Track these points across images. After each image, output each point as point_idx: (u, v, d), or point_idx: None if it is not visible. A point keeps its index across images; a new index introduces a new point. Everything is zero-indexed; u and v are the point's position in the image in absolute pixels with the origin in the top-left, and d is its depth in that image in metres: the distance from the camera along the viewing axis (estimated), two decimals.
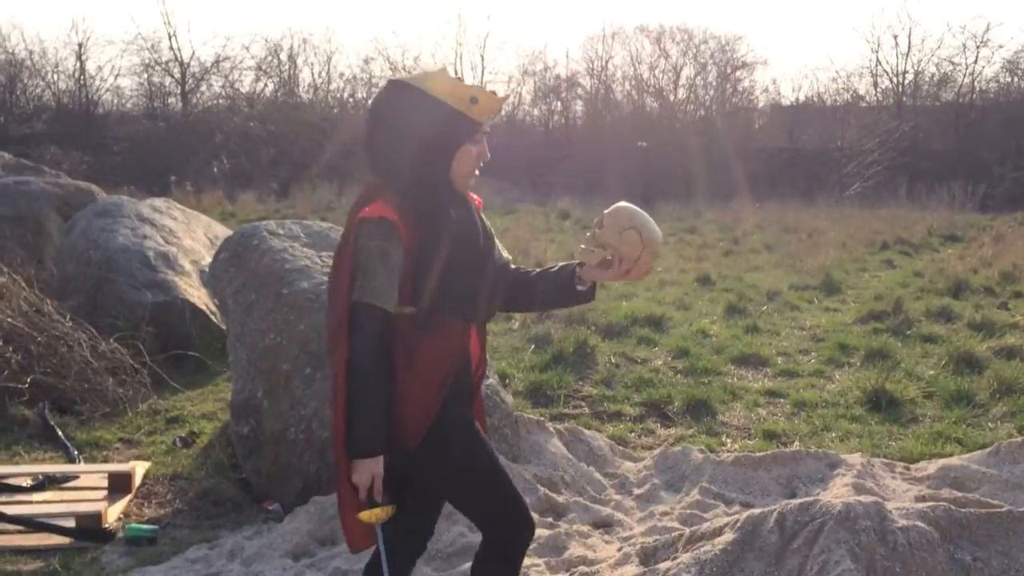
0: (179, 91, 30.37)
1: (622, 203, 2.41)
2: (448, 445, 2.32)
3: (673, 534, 3.37)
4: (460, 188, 2.35)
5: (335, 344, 2.28)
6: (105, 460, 4.81)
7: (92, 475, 4.42)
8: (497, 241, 2.48)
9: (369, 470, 2.22)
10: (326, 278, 4.62)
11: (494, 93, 2.30)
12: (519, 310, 2.61)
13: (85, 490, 4.28)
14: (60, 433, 4.99)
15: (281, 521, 3.96)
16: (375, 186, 2.32)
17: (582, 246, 2.41)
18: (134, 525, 3.93)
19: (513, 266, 2.53)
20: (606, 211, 2.39)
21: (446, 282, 2.27)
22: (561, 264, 2.49)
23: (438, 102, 2.25)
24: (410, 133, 2.26)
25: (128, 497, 4.24)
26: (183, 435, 5.12)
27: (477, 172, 2.36)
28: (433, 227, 2.25)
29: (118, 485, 4.25)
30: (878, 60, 32.16)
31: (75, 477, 4.41)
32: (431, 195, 2.28)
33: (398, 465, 2.30)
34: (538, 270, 2.53)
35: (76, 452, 4.79)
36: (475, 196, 2.47)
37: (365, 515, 2.26)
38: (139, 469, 4.49)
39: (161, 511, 4.20)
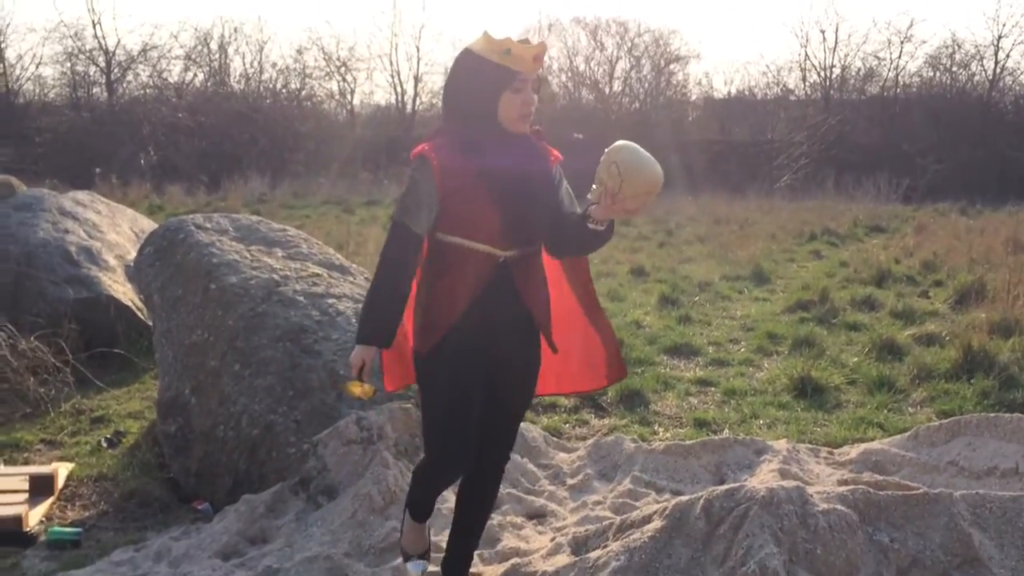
0: (104, 81, 29.42)
1: (619, 141, 2.51)
2: (429, 364, 2.70)
3: (604, 523, 3.41)
4: (515, 130, 2.66)
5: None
6: (26, 462, 4.67)
7: (12, 478, 4.28)
8: (567, 190, 2.75)
9: (360, 355, 2.62)
10: (255, 272, 4.56)
11: (527, 42, 2.59)
12: (562, 254, 2.83)
13: (5, 493, 4.14)
14: None
15: (210, 521, 3.90)
16: (433, 131, 2.71)
17: (593, 187, 2.49)
18: (56, 528, 3.83)
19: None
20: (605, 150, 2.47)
21: (472, 211, 2.63)
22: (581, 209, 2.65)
23: (479, 57, 2.61)
24: (461, 87, 2.65)
25: (50, 500, 4.13)
26: (108, 435, 4.99)
27: (528, 116, 2.64)
28: (471, 162, 2.61)
29: (40, 488, 4.13)
30: (807, 55, 32.83)
31: None
32: (476, 135, 2.63)
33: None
34: (577, 213, 2.68)
35: None
36: (554, 151, 2.77)
37: (350, 385, 2.63)
38: (62, 471, 4.37)
39: (85, 513, 4.10)
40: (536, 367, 2.88)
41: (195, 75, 30.54)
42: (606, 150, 2.47)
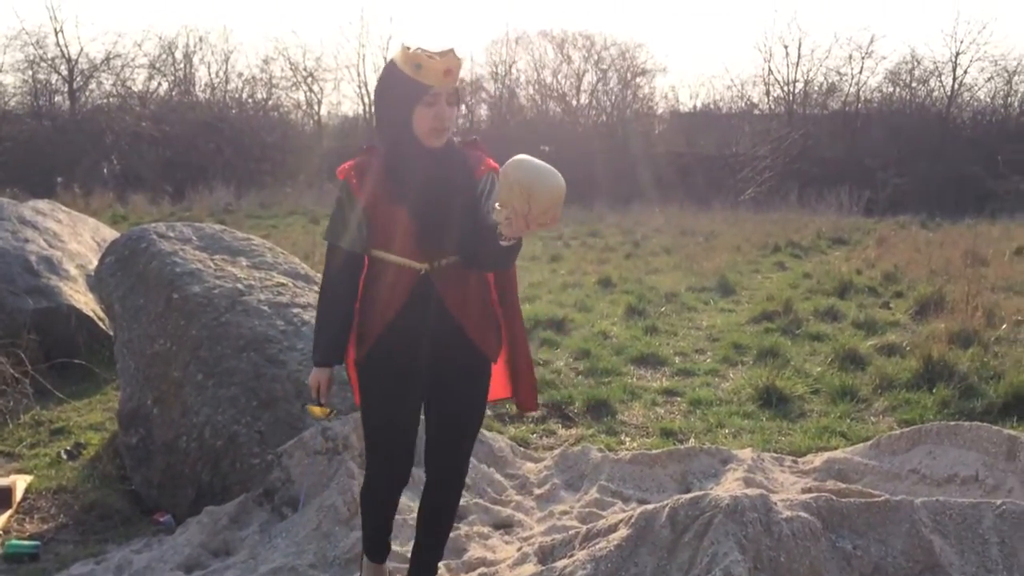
0: (67, 89, 29.02)
1: (514, 157, 2.48)
2: (361, 373, 2.78)
3: (571, 532, 3.41)
4: (429, 144, 2.65)
5: None
6: None
7: None
8: (489, 202, 2.69)
9: (316, 377, 2.78)
10: (219, 281, 4.52)
11: (436, 58, 2.55)
12: (477, 268, 2.78)
13: None
14: None
15: (172, 533, 3.84)
16: (366, 148, 2.75)
17: (495, 206, 2.49)
18: (14, 541, 3.75)
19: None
20: (501, 168, 2.49)
21: (392, 226, 2.66)
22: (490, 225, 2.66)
23: (396, 70, 2.61)
24: (379, 97, 2.69)
25: (8, 512, 4.05)
26: (68, 447, 4.91)
27: (441, 130, 2.62)
28: (388, 177, 2.65)
29: None
30: (770, 69, 33.15)
31: None
32: (391, 151, 2.67)
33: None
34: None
35: None
36: (491, 160, 2.75)
37: (311, 408, 2.78)
38: (20, 483, 4.28)
39: (44, 526, 4.02)
40: (483, 377, 2.84)
41: (159, 84, 30.23)
42: (502, 170, 2.46)
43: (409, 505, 3.58)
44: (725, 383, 6.36)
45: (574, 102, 31.53)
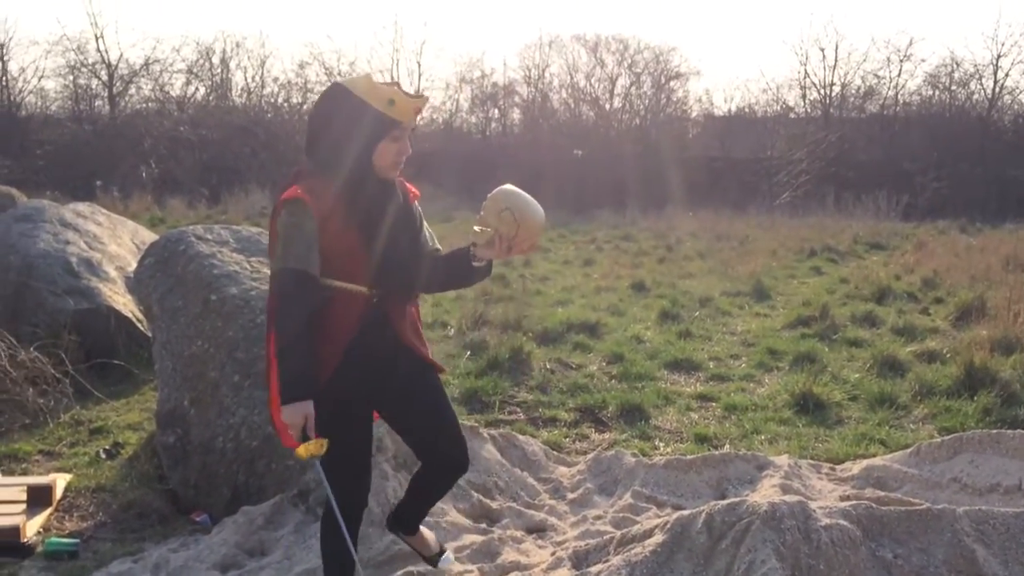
0: (106, 94, 29.51)
1: (503, 186, 2.68)
2: (322, 409, 2.59)
3: (605, 537, 3.39)
4: (384, 177, 2.67)
5: (270, 318, 2.64)
6: (24, 473, 4.65)
7: (10, 488, 4.25)
8: (427, 229, 2.83)
9: (299, 412, 2.53)
10: (256, 283, 4.56)
11: (411, 96, 2.61)
12: (434, 290, 2.96)
13: (3, 504, 4.12)
14: None
15: (209, 532, 3.87)
16: (296, 173, 2.67)
17: (474, 228, 2.67)
18: (54, 539, 3.80)
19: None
20: (489, 194, 2.66)
21: (345, 255, 2.61)
22: (461, 247, 2.80)
23: (361, 102, 2.58)
24: (337, 127, 2.61)
25: (48, 510, 4.10)
26: (107, 446, 4.97)
27: (399, 164, 2.67)
28: (345, 206, 2.60)
29: (38, 498, 4.11)
30: (806, 72, 32.71)
31: None
32: (349, 180, 2.61)
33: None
34: (445, 253, 2.84)
35: None
36: (412, 187, 2.81)
37: (302, 450, 2.52)
38: (60, 482, 4.35)
39: (83, 524, 4.07)
40: (437, 379, 2.89)
41: (197, 89, 30.64)
42: (490, 196, 2.66)
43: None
44: (760, 388, 6.29)
45: (607, 106, 31.45)
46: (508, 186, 2.69)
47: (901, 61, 30.16)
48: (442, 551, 3.20)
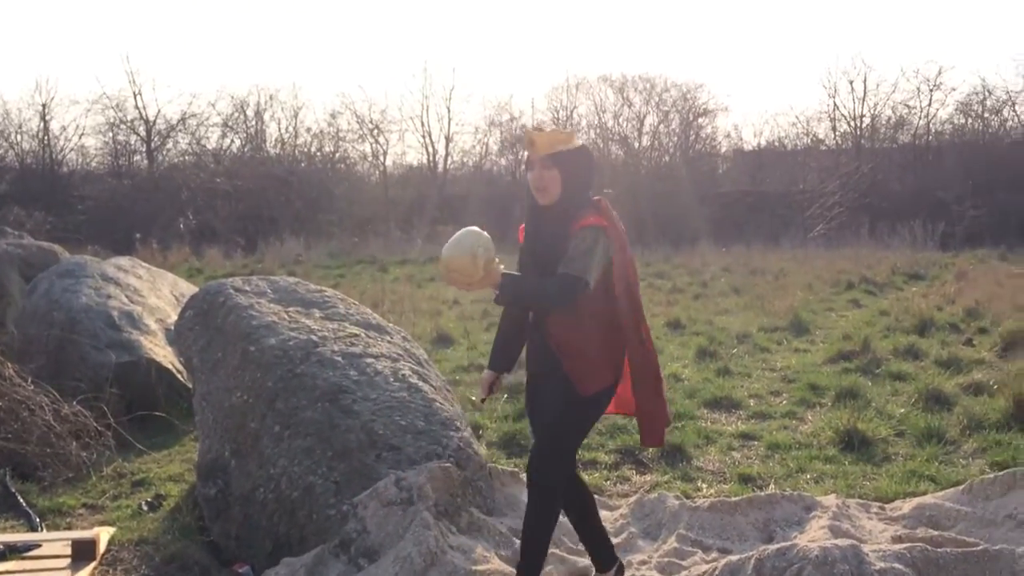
0: (145, 149, 30.25)
1: (465, 229, 3.10)
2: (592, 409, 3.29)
3: None
4: (540, 203, 3.19)
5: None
6: (68, 527, 4.67)
7: (55, 543, 4.27)
8: (572, 248, 3.07)
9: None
10: (293, 333, 4.59)
11: (528, 130, 3.22)
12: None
13: (48, 559, 4.14)
14: (22, 500, 4.85)
15: None
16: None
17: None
18: None
19: None
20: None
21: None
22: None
23: None
24: None
25: (92, 564, 4.11)
26: (149, 498, 4.99)
27: (538, 189, 3.17)
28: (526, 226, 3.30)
29: (82, 552, 4.12)
30: (835, 105, 32.64)
31: (37, 546, 4.26)
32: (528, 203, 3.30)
33: None
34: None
35: (38, 520, 4.65)
36: (585, 219, 3.09)
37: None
38: (103, 535, 4.36)
39: None
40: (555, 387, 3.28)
41: (232, 141, 31.32)
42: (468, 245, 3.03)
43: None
44: (803, 426, 6.18)
45: (636, 144, 31.60)
46: (467, 229, 3.11)
47: (931, 90, 30.06)
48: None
